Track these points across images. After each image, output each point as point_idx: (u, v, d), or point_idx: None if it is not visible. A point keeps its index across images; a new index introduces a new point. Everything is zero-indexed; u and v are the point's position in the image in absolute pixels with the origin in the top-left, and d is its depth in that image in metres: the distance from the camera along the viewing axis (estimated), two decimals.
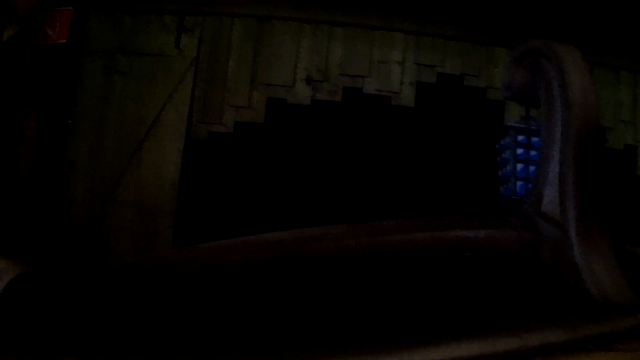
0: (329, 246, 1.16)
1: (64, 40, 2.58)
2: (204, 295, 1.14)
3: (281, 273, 1.17)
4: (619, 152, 3.05)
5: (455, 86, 2.99)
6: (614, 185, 2.79)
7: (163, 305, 1.12)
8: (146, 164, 2.56)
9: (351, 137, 2.83)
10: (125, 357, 0.90)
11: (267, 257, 1.16)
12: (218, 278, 1.15)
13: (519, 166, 1.75)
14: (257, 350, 0.88)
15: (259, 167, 2.70)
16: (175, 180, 2.54)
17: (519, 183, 1.71)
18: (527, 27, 2.92)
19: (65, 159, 2.53)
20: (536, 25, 2.88)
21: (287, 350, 0.86)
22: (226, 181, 2.66)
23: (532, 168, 1.70)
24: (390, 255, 1.16)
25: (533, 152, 1.75)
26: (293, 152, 2.76)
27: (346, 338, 0.96)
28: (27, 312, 1.05)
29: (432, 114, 2.97)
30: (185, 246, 2.00)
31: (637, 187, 3.00)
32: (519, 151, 1.76)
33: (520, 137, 1.79)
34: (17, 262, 1.08)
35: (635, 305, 0.96)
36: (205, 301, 1.14)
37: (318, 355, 0.84)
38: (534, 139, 1.75)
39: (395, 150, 2.88)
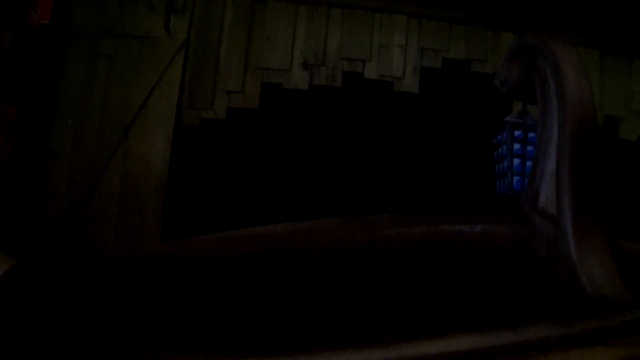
0: (323, 240, 1.20)
1: (47, 21, 2.45)
2: (196, 288, 1.16)
3: (275, 266, 1.18)
4: (632, 143, 2.91)
5: (461, 72, 2.87)
6: (627, 178, 2.73)
7: (158, 298, 1.13)
8: (132, 152, 2.43)
9: (351, 125, 2.73)
10: (123, 349, 0.90)
11: (260, 250, 1.21)
12: (211, 271, 1.18)
13: (516, 161, 1.72)
14: (250, 343, 0.89)
15: (253, 156, 2.60)
16: (164, 170, 2.41)
17: (515, 178, 1.69)
18: (536, 11, 2.84)
19: (47, 148, 2.41)
20: (545, 10, 2.82)
21: (277, 343, 0.86)
22: (218, 171, 2.55)
23: (528, 164, 1.68)
24: (385, 250, 1.16)
25: (530, 148, 1.72)
26: (289, 140, 2.66)
27: (342, 331, 0.97)
28: (24, 302, 1.06)
29: (437, 101, 2.86)
30: (174, 240, 2.05)
31: None
32: (516, 146, 1.74)
33: (516, 133, 1.76)
34: (10, 253, 1.10)
35: (630, 300, 0.95)
36: (198, 294, 1.15)
37: (311, 348, 0.83)
38: (531, 135, 1.72)
39: (398, 139, 2.78)
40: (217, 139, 2.58)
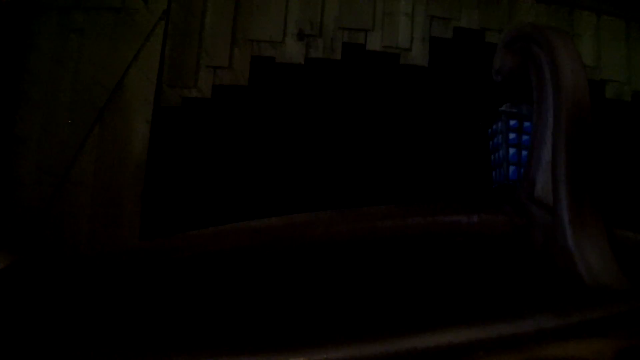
0: (320, 232, 1.22)
1: None
2: (193, 284, 1.16)
3: (272, 260, 1.20)
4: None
5: (474, 43, 2.68)
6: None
7: (155, 294, 1.14)
8: (107, 137, 2.25)
9: (351, 103, 2.53)
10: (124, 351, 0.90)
11: (257, 244, 1.21)
12: (208, 266, 1.17)
13: (511, 151, 1.78)
14: (249, 340, 0.89)
15: (242, 139, 2.41)
16: (143, 157, 2.23)
17: (511, 168, 1.75)
18: None
19: (12, 134, 2.22)
20: None
21: (273, 338, 0.87)
22: (203, 157, 2.36)
23: (524, 153, 1.73)
24: (382, 241, 1.20)
25: (525, 137, 1.77)
26: (282, 121, 2.46)
27: (338, 325, 0.97)
28: (25, 301, 1.07)
29: (448, 75, 2.66)
30: (155, 234, 1.97)
31: None
32: (511, 136, 1.80)
33: (512, 122, 1.82)
34: (7, 251, 1.12)
35: (628, 290, 0.98)
36: (195, 289, 1.15)
37: (308, 344, 0.84)
38: (526, 124, 1.78)
39: (404, 118, 2.58)
40: (201, 120, 2.39)
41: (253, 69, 2.42)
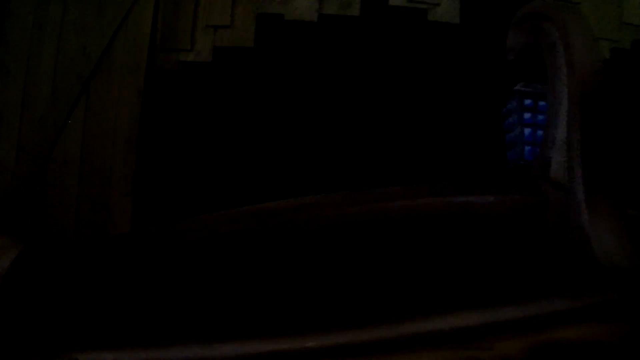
0: (330, 214, 1.26)
1: None
2: (201, 268, 1.20)
3: (282, 243, 1.24)
4: None
5: None
6: None
7: (167, 281, 1.18)
8: (94, 111, 2.08)
9: (372, 65, 2.36)
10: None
11: (268, 226, 1.25)
12: (221, 249, 1.22)
13: (526, 130, 1.81)
14: (260, 324, 0.98)
15: (247, 109, 2.26)
16: (134, 132, 2.07)
17: (526, 147, 1.78)
18: None
19: None
20: None
21: (284, 323, 0.96)
22: (202, 130, 2.21)
23: (539, 132, 1.75)
24: (395, 222, 1.25)
25: (540, 116, 1.79)
26: (292, 87, 2.30)
27: (349, 309, 1.06)
28: (38, 290, 1.11)
29: (481, 33, 2.48)
30: (149, 219, 1.95)
31: None
32: (526, 115, 1.83)
33: (526, 101, 1.85)
34: (13, 238, 1.12)
35: None
36: (203, 274, 1.19)
37: (320, 329, 0.89)
38: (541, 103, 1.81)
39: (428, 86, 2.40)
40: (200, 88, 2.24)
41: (259, 28, 2.26)
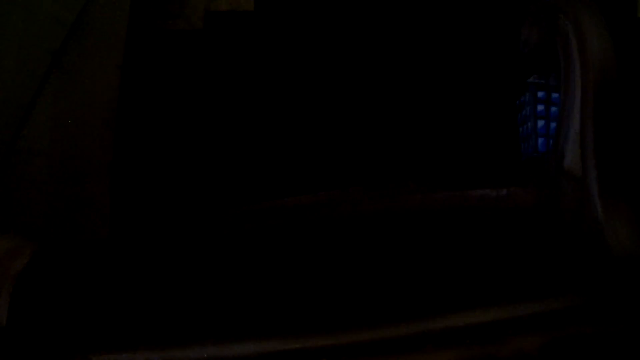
0: (347, 209, 1.34)
1: None
2: (218, 267, 1.26)
3: (302, 239, 1.29)
4: None
5: None
6: None
7: (182, 280, 1.22)
8: (66, 90, 1.91)
9: (390, 35, 2.14)
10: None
11: (288, 223, 1.33)
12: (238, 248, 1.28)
13: (540, 123, 1.84)
14: (285, 321, 1.02)
15: (245, 85, 2.09)
16: (111, 112, 1.91)
17: (540, 140, 1.82)
18: None
19: None
20: None
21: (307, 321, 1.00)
22: (192, 111, 2.05)
23: (553, 125, 1.78)
24: (410, 217, 1.31)
25: (554, 109, 1.81)
26: (298, 59, 2.11)
27: (365, 307, 1.08)
28: (52, 291, 1.13)
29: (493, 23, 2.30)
30: (129, 215, 1.84)
31: None
32: (539, 108, 1.84)
33: (540, 94, 1.86)
34: (26, 237, 1.15)
35: None
36: (220, 273, 1.24)
37: (339, 328, 0.94)
38: (555, 95, 1.82)
39: (445, 73, 2.19)
40: (190, 61, 2.07)
41: None
